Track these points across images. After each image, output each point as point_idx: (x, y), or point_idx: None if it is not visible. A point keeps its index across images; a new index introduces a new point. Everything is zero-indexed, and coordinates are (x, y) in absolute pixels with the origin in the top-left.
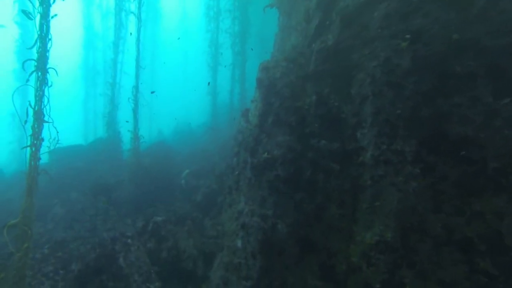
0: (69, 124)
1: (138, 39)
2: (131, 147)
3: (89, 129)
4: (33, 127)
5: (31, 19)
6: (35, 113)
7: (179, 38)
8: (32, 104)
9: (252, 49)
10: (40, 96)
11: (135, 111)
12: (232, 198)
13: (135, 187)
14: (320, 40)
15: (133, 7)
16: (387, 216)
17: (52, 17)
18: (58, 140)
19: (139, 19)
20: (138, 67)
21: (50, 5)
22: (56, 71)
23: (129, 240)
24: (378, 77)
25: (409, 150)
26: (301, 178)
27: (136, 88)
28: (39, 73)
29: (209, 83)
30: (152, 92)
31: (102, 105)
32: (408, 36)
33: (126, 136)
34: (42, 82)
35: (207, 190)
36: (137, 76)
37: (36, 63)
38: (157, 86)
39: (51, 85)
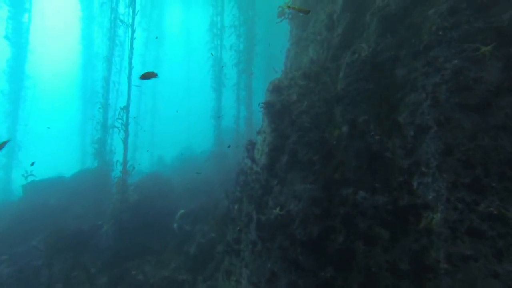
0: (68, 151)
1: (130, 52)
2: (118, 181)
3: (87, 156)
4: None
5: None
6: None
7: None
8: None
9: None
10: None
11: (124, 138)
12: (231, 262)
13: (117, 232)
14: (350, 50)
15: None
16: None
17: None
18: (31, 172)
19: (132, 29)
20: (130, 85)
21: None
22: None
23: None
24: (444, 98)
25: None
26: (330, 247)
27: (126, 109)
28: None
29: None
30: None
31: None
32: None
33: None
34: None
35: (203, 241)
36: (128, 96)
37: None
38: (159, 108)
39: None
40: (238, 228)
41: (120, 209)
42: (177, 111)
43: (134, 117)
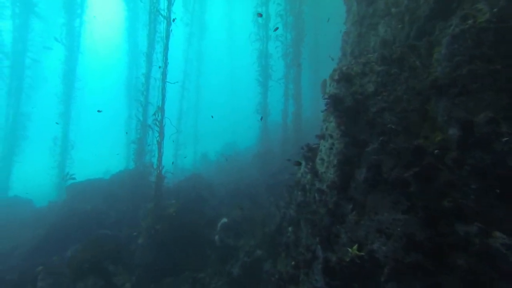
0: (116, 149)
1: (166, 46)
2: (154, 187)
3: (131, 155)
4: None
5: None
6: None
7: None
8: None
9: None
10: None
11: (159, 141)
12: None
13: (152, 245)
14: (458, 16)
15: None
16: None
17: None
18: (72, 175)
19: (168, 20)
20: (164, 82)
21: None
22: None
23: None
24: None
25: None
26: None
27: (161, 109)
28: None
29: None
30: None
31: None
32: None
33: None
34: None
35: (247, 260)
36: (163, 95)
37: None
38: (203, 103)
39: None
40: (294, 263)
41: (155, 220)
42: (212, 116)
43: (177, 114)
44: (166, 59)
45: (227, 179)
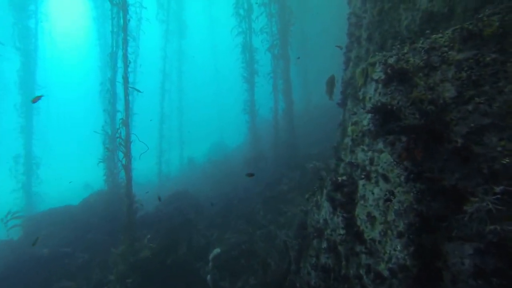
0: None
1: (124, 41)
2: (125, 220)
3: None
4: None
5: None
6: None
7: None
8: None
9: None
10: None
11: (126, 164)
12: None
13: None
14: None
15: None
16: None
17: None
18: (15, 213)
19: (124, 10)
20: (126, 87)
21: None
22: None
23: None
24: None
25: None
26: None
27: (125, 125)
28: None
29: None
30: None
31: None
32: None
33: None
34: None
35: None
36: (126, 104)
37: None
38: (186, 105)
39: None
40: None
41: (126, 269)
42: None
43: (159, 117)
44: (126, 58)
45: (217, 189)
